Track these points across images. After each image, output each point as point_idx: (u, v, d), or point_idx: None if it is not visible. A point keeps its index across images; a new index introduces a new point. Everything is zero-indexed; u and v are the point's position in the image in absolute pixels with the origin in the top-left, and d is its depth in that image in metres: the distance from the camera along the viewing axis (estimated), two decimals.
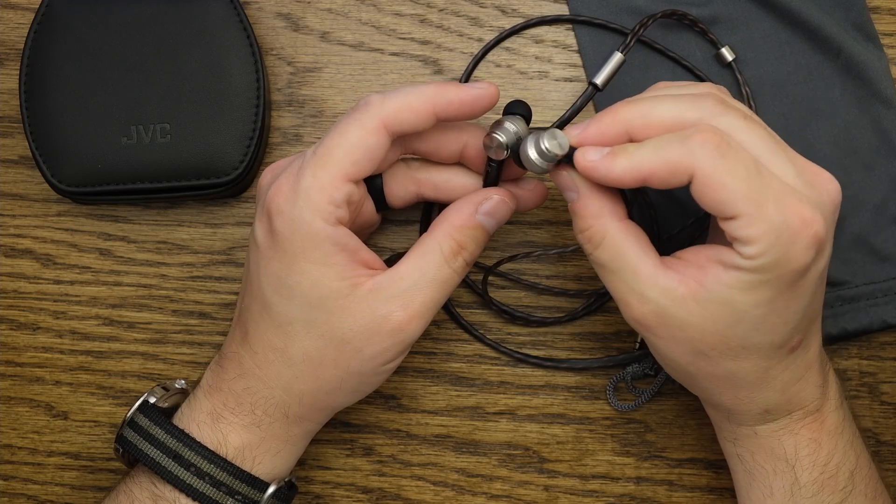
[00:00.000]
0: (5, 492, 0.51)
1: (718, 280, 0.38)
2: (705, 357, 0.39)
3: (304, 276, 0.40)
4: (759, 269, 0.37)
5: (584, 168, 0.39)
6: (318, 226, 0.40)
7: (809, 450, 0.42)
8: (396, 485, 0.51)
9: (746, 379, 0.40)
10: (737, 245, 0.37)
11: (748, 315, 0.38)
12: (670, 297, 0.38)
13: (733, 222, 0.37)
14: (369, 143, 0.40)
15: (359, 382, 0.43)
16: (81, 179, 0.49)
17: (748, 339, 0.39)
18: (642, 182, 0.38)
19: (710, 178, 0.36)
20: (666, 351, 0.40)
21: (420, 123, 0.41)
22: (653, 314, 0.39)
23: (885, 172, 0.49)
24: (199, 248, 0.52)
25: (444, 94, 0.41)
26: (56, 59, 0.49)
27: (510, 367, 0.51)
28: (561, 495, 0.51)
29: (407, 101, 0.41)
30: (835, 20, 0.50)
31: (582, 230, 0.40)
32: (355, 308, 0.40)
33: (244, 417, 0.42)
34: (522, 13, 0.51)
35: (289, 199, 0.40)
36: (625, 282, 0.39)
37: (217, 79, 0.49)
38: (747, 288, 0.37)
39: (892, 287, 0.49)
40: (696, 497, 0.50)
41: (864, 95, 0.50)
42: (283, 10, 0.52)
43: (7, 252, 0.52)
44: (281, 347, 0.41)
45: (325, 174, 0.40)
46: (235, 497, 0.41)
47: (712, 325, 0.38)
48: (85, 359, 0.52)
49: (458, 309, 0.51)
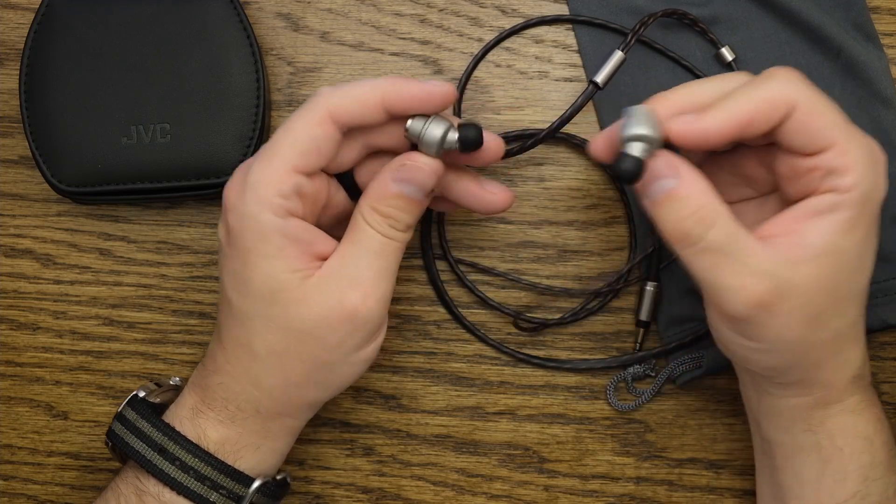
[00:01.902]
0: (5, 492, 0.51)
1: (821, 231, 0.38)
2: (817, 322, 0.39)
3: (256, 270, 0.40)
4: (857, 202, 0.38)
5: (681, 131, 0.38)
6: (266, 218, 0.40)
7: (879, 427, 0.42)
8: (396, 485, 0.51)
9: (849, 335, 0.40)
10: (832, 179, 0.38)
11: (852, 256, 0.38)
12: (784, 266, 0.38)
13: (829, 153, 0.38)
14: (315, 133, 0.40)
15: (329, 374, 0.42)
16: (81, 179, 0.49)
17: (853, 284, 0.39)
18: (742, 130, 0.38)
19: (813, 106, 0.38)
20: (780, 330, 0.38)
21: (369, 116, 0.41)
22: (773, 290, 0.38)
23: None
24: (199, 248, 0.52)
25: (395, 87, 0.41)
26: (56, 59, 0.49)
27: (510, 367, 0.51)
28: (561, 495, 0.51)
29: (355, 94, 0.40)
30: (835, 20, 0.50)
31: (692, 213, 0.38)
32: (308, 298, 0.40)
33: (219, 412, 0.42)
34: (522, 13, 0.51)
35: (238, 195, 0.40)
36: (740, 262, 0.38)
37: (217, 79, 0.49)
38: (848, 228, 0.38)
39: (892, 287, 0.49)
40: (696, 497, 0.50)
41: (864, 95, 0.49)
42: (283, 10, 0.52)
43: (7, 252, 0.52)
44: (246, 343, 0.41)
45: (271, 167, 0.40)
46: (220, 491, 0.41)
47: (826, 282, 0.38)
48: (85, 359, 0.52)
49: (459, 309, 0.51)
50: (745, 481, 0.50)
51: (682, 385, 0.50)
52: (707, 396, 0.51)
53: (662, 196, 0.38)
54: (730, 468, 0.50)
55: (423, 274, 0.51)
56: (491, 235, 0.51)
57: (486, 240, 0.51)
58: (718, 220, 0.38)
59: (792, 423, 0.42)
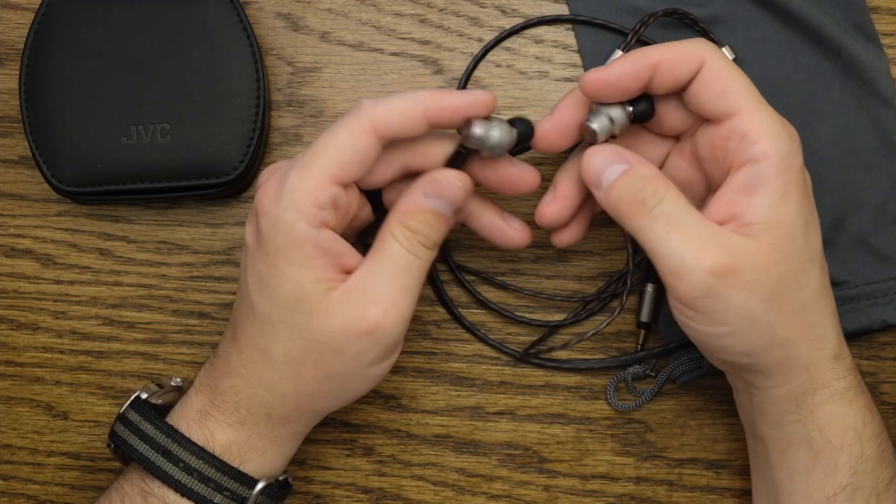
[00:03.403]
0: (5, 492, 0.51)
1: (756, 208, 0.39)
2: (777, 295, 0.39)
3: (284, 277, 0.40)
4: (778, 172, 0.39)
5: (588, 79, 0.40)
6: (300, 227, 0.40)
7: (869, 418, 0.42)
8: (396, 485, 0.51)
9: (816, 307, 0.41)
10: (746, 148, 0.39)
11: (796, 225, 0.40)
12: (735, 240, 0.39)
13: (738, 117, 0.40)
14: (357, 145, 0.40)
15: (342, 386, 0.42)
16: (81, 179, 0.49)
17: (805, 253, 0.40)
18: (650, 71, 0.40)
19: (722, 67, 0.40)
20: (741, 307, 0.39)
21: (411, 128, 0.41)
22: (729, 258, 0.38)
23: (885, 172, 0.49)
24: (199, 248, 0.52)
25: (437, 99, 0.41)
26: (56, 59, 0.49)
27: (510, 367, 0.51)
28: (561, 495, 0.51)
29: (398, 106, 0.40)
30: (835, 20, 0.50)
31: (645, 184, 0.40)
32: (331, 310, 0.40)
33: (229, 416, 0.42)
34: (522, 13, 0.51)
35: (274, 200, 0.40)
36: (695, 231, 0.39)
37: (217, 79, 0.49)
38: (780, 200, 0.39)
39: (892, 287, 0.49)
40: (696, 497, 0.50)
41: (864, 95, 0.49)
42: (283, 10, 0.52)
43: (7, 252, 0.52)
44: (264, 347, 0.41)
45: (311, 176, 0.40)
46: (224, 493, 0.41)
47: (778, 253, 0.39)
48: (85, 359, 0.52)
49: (459, 309, 0.51)
50: (745, 481, 0.50)
51: (682, 385, 0.50)
52: (707, 396, 0.51)
53: (616, 178, 0.40)
54: (730, 468, 0.50)
55: None
56: None
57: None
58: (670, 191, 0.40)
59: (783, 416, 0.42)
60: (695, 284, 0.38)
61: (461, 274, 0.50)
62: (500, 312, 0.50)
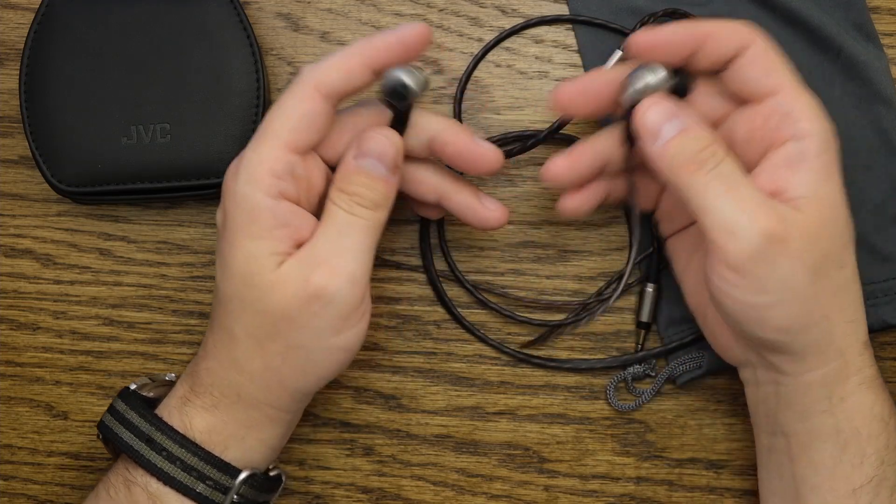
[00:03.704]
0: (5, 492, 0.51)
1: (802, 181, 0.39)
2: (821, 269, 0.39)
3: (239, 250, 0.41)
4: (821, 149, 0.39)
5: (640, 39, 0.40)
6: (258, 198, 0.40)
7: (893, 409, 0.42)
8: (396, 485, 0.51)
9: (850, 289, 0.41)
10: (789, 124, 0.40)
11: (838, 202, 0.40)
12: (786, 208, 0.39)
13: (781, 95, 0.40)
14: (303, 108, 0.41)
15: (307, 359, 0.42)
16: (81, 179, 0.49)
17: (845, 232, 0.40)
18: (699, 41, 0.40)
19: (768, 48, 0.40)
20: (787, 275, 0.39)
21: (355, 80, 0.41)
22: (782, 223, 0.38)
23: (885, 172, 0.49)
24: (199, 248, 0.52)
25: (371, 43, 0.41)
26: (56, 59, 0.49)
27: (510, 367, 0.51)
28: (561, 495, 0.51)
29: (336, 62, 0.41)
30: (835, 20, 0.50)
31: (706, 145, 0.39)
32: (281, 281, 0.40)
33: (205, 399, 0.42)
34: (522, 13, 0.51)
35: (234, 177, 0.41)
36: (750, 195, 0.39)
37: (217, 79, 0.49)
38: (826, 177, 0.40)
39: (892, 287, 0.49)
40: (696, 497, 0.50)
41: (864, 95, 0.49)
42: (283, 10, 0.52)
43: (7, 252, 0.52)
44: (228, 326, 0.42)
45: (264, 146, 0.41)
46: (206, 482, 0.41)
47: (825, 226, 0.39)
48: (85, 359, 0.52)
49: (459, 309, 0.51)
50: (745, 481, 0.50)
51: (681, 385, 0.50)
52: (707, 396, 0.51)
53: (676, 133, 0.40)
54: (730, 468, 0.50)
55: (422, 274, 0.51)
56: (491, 235, 0.51)
57: (486, 240, 0.51)
58: (729, 155, 0.40)
59: (812, 406, 0.41)
60: (747, 244, 0.38)
61: (461, 274, 0.50)
62: (500, 312, 0.50)
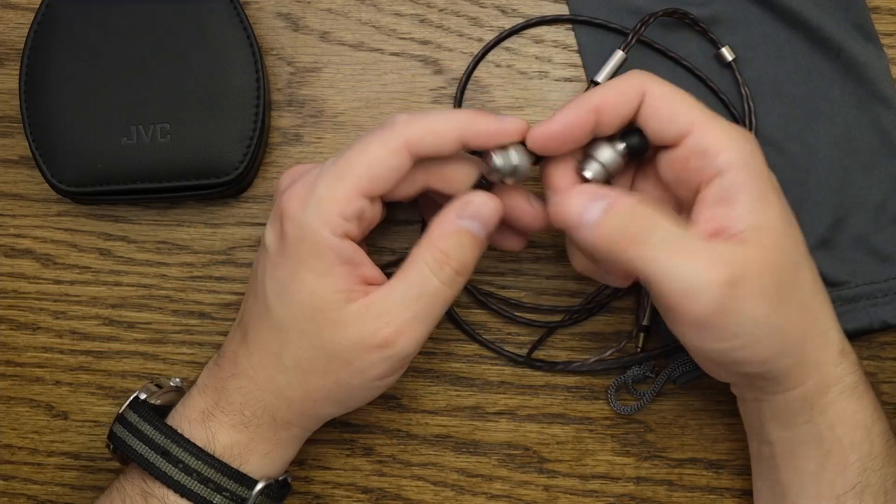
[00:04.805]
0: (5, 492, 0.51)
1: (738, 218, 0.39)
2: (782, 298, 0.39)
3: (303, 284, 0.40)
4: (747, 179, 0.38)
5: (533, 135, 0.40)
6: (324, 236, 0.40)
7: (877, 415, 0.42)
8: (396, 485, 0.51)
9: (815, 303, 0.41)
10: (709, 162, 0.39)
11: (780, 227, 0.39)
12: (732, 251, 0.38)
13: (693, 135, 0.39)
14: (389, 162, 0.40)
15: (348, 395, 0.42)
16: (81, 179, 0.49)
17: (795, 253, 0.40)
18: (594, 115, 0.40)
19: (663, 91, 0.40)
20: (751, 314, 0.38)
21: (444, 149, 0.41)
22: (733, 270, 0.37)
23: (885, 172, 0.49)
24: (199, 248, 0.52)
25: (473, 122, 0.41)
26: (56, 59, 0.49)
27: (510, 367, 0.51)
28: (561, 495, 0.51)
29: (433, 126, 0.40)
30: (835, 20, 0.50)
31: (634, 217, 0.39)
32: (346, 322, 0.40)
33: (233, 417, 0.42)
34: (522, 13, 0.51)
35: (300, 206, 0.40)
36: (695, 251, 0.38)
37: (217, 79, 0.49)
38: (761, 206, 0.39)
39: (892, 287, 0.49)
40: (696, 497, 0.50)
41: (864, 95, 0.49)
42: (283, 10, 0.52)
43: (7, 252, 0.52)
44: (276, 352, 0.41)
45: (341, 187, 0.40)
46: (223, 494, 0.41)
47: (772, 257, 0.39)
48: (85, 359, 0.52)
49: (457, 309, 0.51)
50: (745, 481, 0.50)
51: (681, 385, 0.50)
52: (707, 396, 0.51)
53: (600, 216, 0.39)
54: (730, 468, 0.50)
55: None
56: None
57: None
58: (661, 219, 0.39)
59: (794, 418, 0.42)
60: (708, 300, 0.37)
61: None
62: (500, 313, 0.50)
